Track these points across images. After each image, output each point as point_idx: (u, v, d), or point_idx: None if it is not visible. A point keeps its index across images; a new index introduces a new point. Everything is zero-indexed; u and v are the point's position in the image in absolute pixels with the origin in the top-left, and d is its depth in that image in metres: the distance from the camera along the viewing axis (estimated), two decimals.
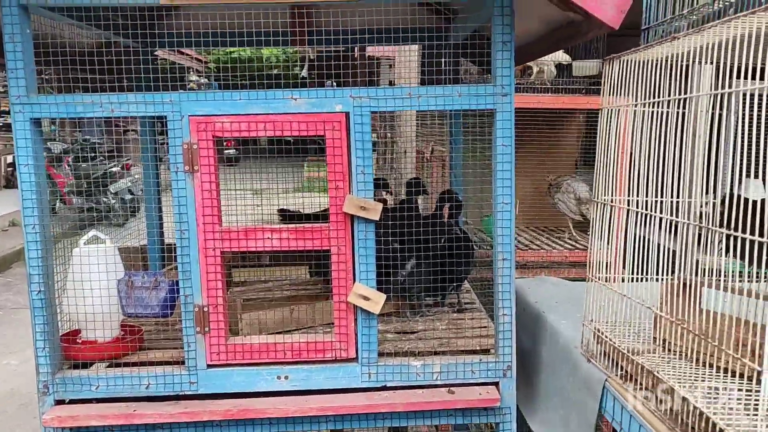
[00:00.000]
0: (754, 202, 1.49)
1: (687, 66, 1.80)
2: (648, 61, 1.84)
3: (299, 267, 3.01)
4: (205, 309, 2.15)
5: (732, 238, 1.45)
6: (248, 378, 2.20)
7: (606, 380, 1.92)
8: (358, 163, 2.15)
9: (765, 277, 1.89)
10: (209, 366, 2.19)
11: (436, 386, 2.28)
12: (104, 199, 8.84)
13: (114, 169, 9.40)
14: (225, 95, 2.09)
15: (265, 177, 3.47)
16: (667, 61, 1.78)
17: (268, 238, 2.16)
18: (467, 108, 2.22)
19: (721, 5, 1.61)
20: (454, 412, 2.28)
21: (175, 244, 2.15)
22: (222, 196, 2.21)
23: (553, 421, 2.26)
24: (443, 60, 2.92)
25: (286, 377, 2.21)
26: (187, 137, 2.08)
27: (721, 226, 1.59)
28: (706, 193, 1.80)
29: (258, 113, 2.10)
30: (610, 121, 1.99)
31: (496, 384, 2.30)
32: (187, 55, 11.05)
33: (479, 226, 4.34)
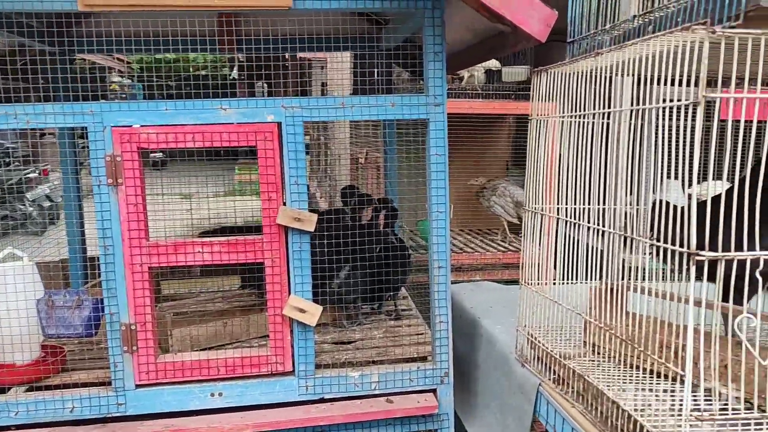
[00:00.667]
0: (677, 208, 1.55)
1: (610, 77, 1.86)
2: (573, 73, 1.89)
3: (231, 278, 2.94)
4: (133, 327, 2.07)
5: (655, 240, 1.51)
6: (180, 396, 2.13)
7: (540, 384, 1.96)
8: (291, 173, 2.12)
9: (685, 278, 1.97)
10: (138, 386, 2.11)
11: (374, 396, 2.28)
12: (20, 206, 8.39)
13: (31, 175, 8.94)
14: (150, 105, 2.02)
15: (194, 181, 3.37)
16: (591, 73, 1.83)
17: (199, 252, 2.10)
18: (400, 118, 2.22)
19: (640, 22, 1.67)
20: (393, 421, 2.28)
21: (98, 257, 2.06)
22: (149, 202, 2.13)
23: (490, 425, 2.29)
24: (376, 68, 2.92)
25: (220, 394, 2.15)
26: (110, 149, 1.99)
27: (651, 230, 1.65)
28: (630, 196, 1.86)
29: (186, 124, 2.04)
30: (539, 132, 2.03)
31: (434, 391, 2.31)
32: (109, 55, 10.65)
33: (415, 230, 4.36)
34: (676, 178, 1.49)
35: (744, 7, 1.34)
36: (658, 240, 1.50)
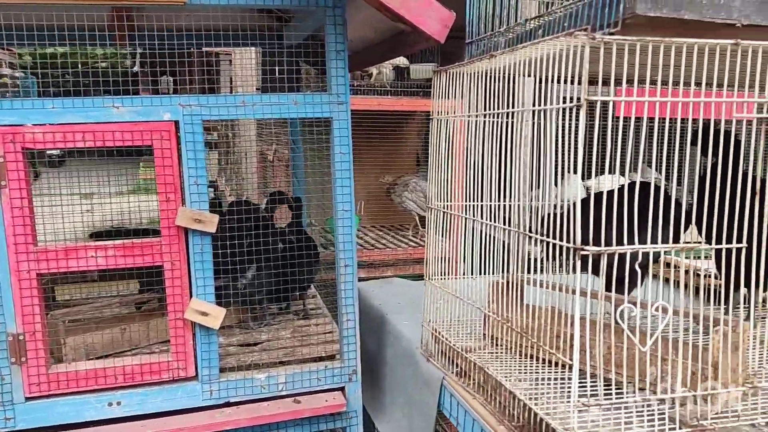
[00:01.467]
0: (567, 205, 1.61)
1: (513, 77, 1.91)
2: (472, 73, 1.94)
3: (130, 281, 2.83)
4: (21, 337, 1.95)
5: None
6: (75, 407, 2.03)
7: (443, 378, 2.01)
8: (190, 173, 2.06)
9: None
10: (28, 399, 2.00)
11: (281, 397, 2.26)
12: None
13: None
14: (36, 103, 1.91)
15: (95, 180, 3.21)
16: (487, 73, 1.88)
17: (92, 256, 2.01)
18: (303, 117, 2.21)
19: (531, 26, 1.73)
20: (301, 421, 2.27)
21: None
22: (44, 204, 2.02)
23: (398, 421, 2.33)
24: (278, 65, 2.88)
25: (119, 403, 2.07)
26: None
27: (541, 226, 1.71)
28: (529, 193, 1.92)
29: (76, 123, 1.94)
30: (440, 130, 2.07)
31: (343, 389, 2.32)
32: None
33: (326, 227, 4.35)
34: (575, 173, 1.55)
35: (622, 14, 1.42)
36: (548, 236, 1.56)
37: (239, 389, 2.19)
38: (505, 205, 1.80)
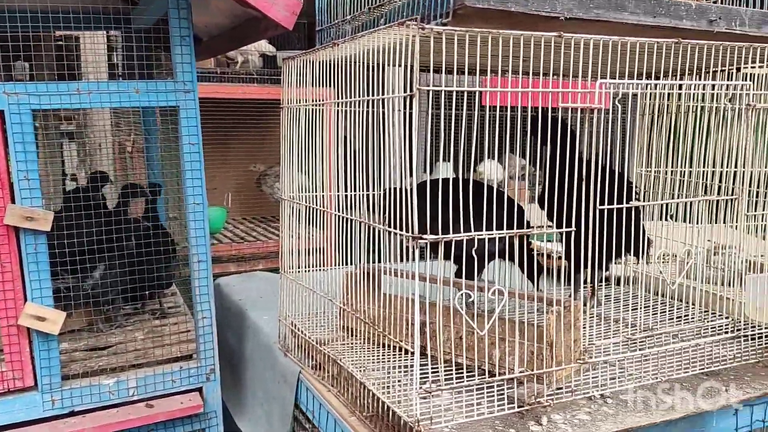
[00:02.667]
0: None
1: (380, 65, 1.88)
2: (320, 61, 1.91)
3: None
4: None
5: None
6: None
7: (300, 372, 1.98)
8: (20, 168, 1.90)
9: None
10: None
11: (133, 403, 2.15)
12: None
13: None
14: None
15: None
16: (331, 62, 1.85)
17: None
18: (147, 106, 2.09)
19: (374, 15, 1.73)
20: (156, 426, 2.17)
21: None
22: None
23: (258, 417, 2.28)
24: (128, 50, 2.71)
25: None
26: None
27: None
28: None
29: None
30: (291, 120, 2.03)
31: (200, 389, 2.24)
32: None
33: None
34: (411, 162, 1.56)
35: (452, 5, 1.44)
36: (391, 226, 1.57)
37: (85, 397, 2.06)
38: (350, 196, 1.79)
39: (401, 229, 1.47)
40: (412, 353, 1.74)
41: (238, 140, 4.42)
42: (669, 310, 2.08)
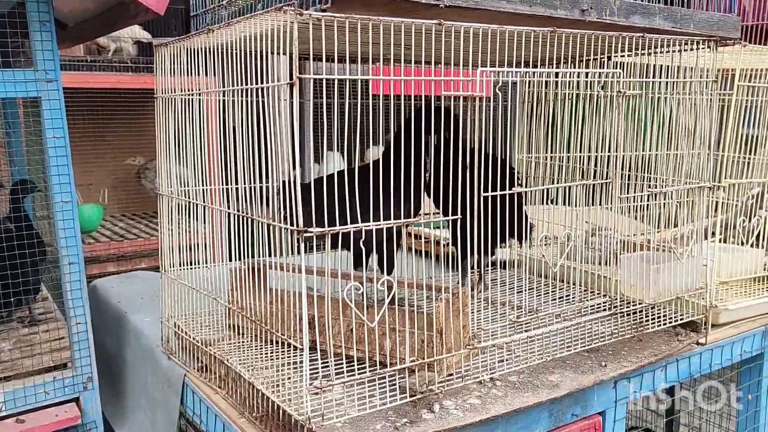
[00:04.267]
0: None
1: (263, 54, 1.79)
2: (200, 48, 1.81)
3: None
4: None
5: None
6: None
7: (185, 375, 1.89)
8: None
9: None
10: None
11: (2, 419, 1.97)
12: None
13: None
14: None
15: None
16: (221, 49, 1.75)
17: None
18: (5, 97, 1.91)
19: (251, 0, 1.65)
20: None
21: None
22: None
23: (141, 424, 2.16)
24: None
25: None
26: None
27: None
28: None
29: None
30: (166, 111, 1.92)
31: (77, 400, 2.10)
32: None
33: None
34: (294, 151, 1.50)
35: None
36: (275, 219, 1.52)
37: None
38: (232, 189, 1.72)
39: (287, 223, 1.42)
40: (302, 349, 1.71)
41: (114, 132, 4.17)
42: (552, 291, 2.16)
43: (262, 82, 1.52)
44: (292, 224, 1.40)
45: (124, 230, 3.95)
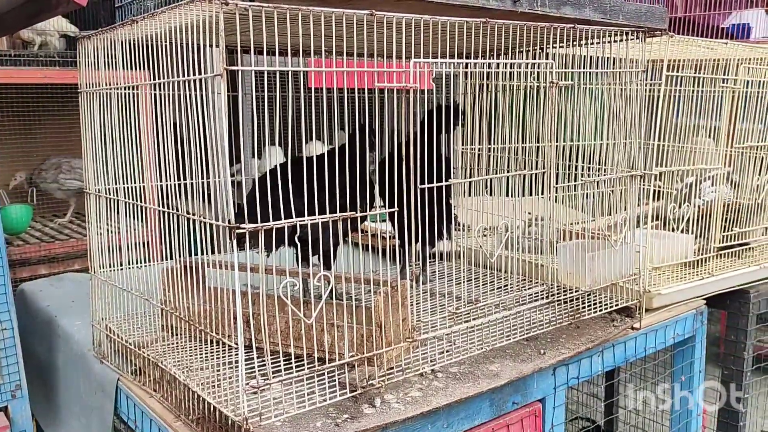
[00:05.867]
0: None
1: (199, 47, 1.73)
2: (124, 40, 1.73)
3: None
4: None
5: None
6: None
7: (118, 379, 1.82)
8: None
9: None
10: None
11: None
12: None
13: None
14: None
15: None
16: (147, 40, 1.69)
17: None
18: None
19: None
20: None
21: None
22: None
23: (75, 431, 2.08)
24: None
25: None
26: None
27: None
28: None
29: None
30: (90, 106, 1.84)
31: (6, 409, 2.01)
32: None
33: None
34: (222, 146, 1.46)
35: None
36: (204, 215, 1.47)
37: None
38: (159, 186, 1.66)
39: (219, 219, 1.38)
40: (247, 347, 1.67)
41: (43, 129, 4.00)
42: (491, 282, 2.18)
43: (192, 75, 1.47)
44: (224, 221, 1.36)
45: (55, 231, 3.78)
